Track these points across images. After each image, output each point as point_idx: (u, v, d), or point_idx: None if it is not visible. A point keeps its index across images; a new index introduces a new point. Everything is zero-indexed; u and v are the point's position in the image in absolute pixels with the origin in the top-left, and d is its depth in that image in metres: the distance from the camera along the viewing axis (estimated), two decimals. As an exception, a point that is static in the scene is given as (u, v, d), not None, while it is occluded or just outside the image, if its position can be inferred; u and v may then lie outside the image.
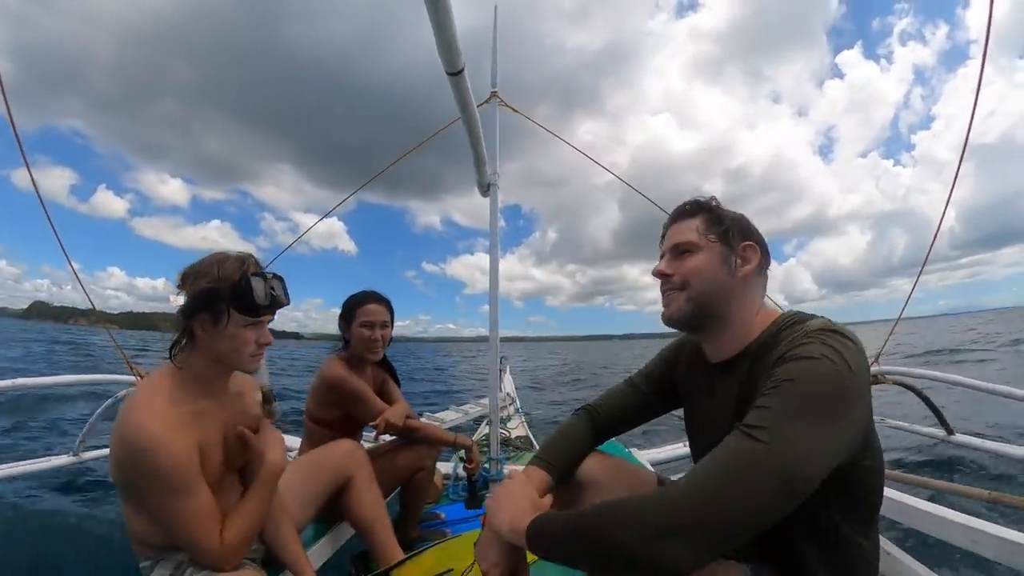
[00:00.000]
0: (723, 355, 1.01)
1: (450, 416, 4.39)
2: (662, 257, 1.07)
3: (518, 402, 5.59)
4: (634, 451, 2.98)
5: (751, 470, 0.69)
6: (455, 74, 1.82)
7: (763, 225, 1.06)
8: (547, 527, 0.84)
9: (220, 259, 1.15)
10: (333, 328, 2.09)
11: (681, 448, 3.04)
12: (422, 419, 4.16)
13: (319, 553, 1.77)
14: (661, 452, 3.03)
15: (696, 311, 0.99)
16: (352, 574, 1.80)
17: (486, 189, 2.66)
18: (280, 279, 1.19)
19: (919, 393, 4.01)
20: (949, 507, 1.52)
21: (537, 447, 3.82)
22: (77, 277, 2.17)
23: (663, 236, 1.09)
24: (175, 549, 1.11)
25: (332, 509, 1.71)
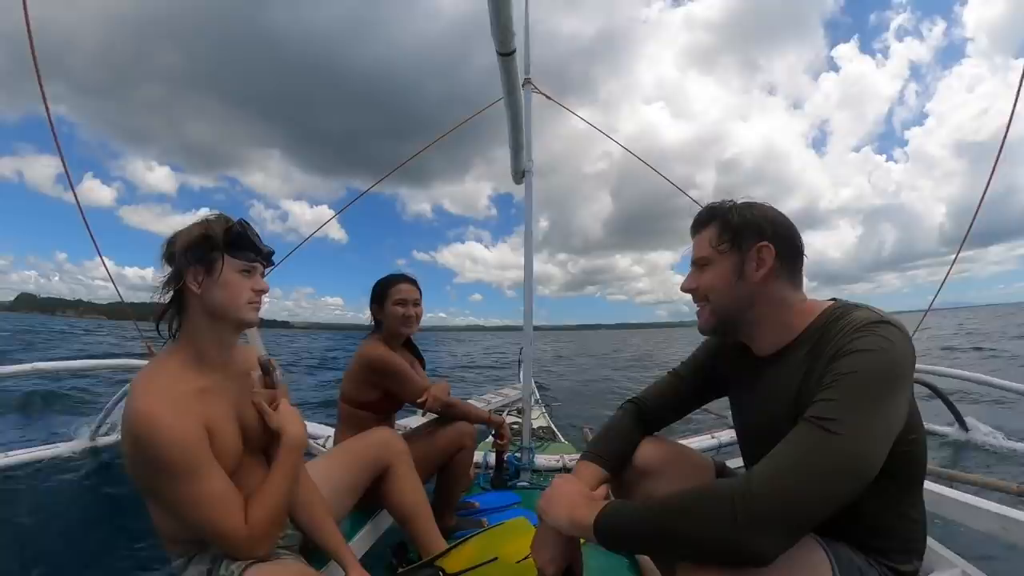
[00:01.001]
0: (765, 350, 1.04)
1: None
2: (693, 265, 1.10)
3: (537, 393, 5.52)
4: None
5: (829, 460, 0.74)
6: (506, 55, 1.77)
7: None
8: (618, 518, 0.87)
9: (206, 219, 1.13)
10: (324, 317, 2.20)
11: (710, 440, 3.04)
12: None
13: (360, 543, 1.73)
14: (692, 442, 3.00)
15: (721, 321, 1.04)
16: (393, 565, 1.78)
17: (521, 176, 2.60)
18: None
19: (935, 389, 4.04)
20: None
21: (560, 436, 3.81)
22: (107, 270, 2.13)
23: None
24: (205, 543, 1.07)
25: (370, 498, 1.68)
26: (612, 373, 14.36)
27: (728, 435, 3.05)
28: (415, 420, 2.08)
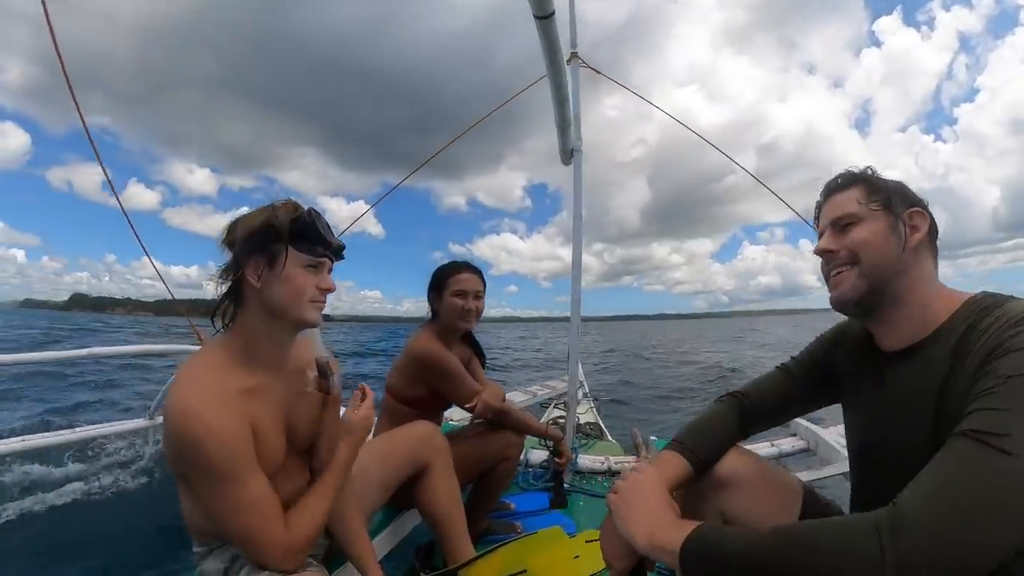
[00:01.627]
0: (900, 342, 0.89)
1: (517, 398, 4.16)
2: (820, 236, 0.96)
3: (586, 386, 5.26)
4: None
5: (1002, 486, 0.59)
6: (544, 18, 1.59)
7: (796, 203, 0.84)
8: (715, 548, 0.73)
9: (272, 205, 1.02)
10: (364, 310, 2.03)
11: (770, 448, 2.77)
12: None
13: (383, 542, 1.65)
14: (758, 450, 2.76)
15: (871, 288, 0.87)
16: (416, 568, 1.69)
17: (569, 155, 2.40)
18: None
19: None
20: None
21: (608, 434, 3.59)
22: (156, 269, 2.19)
23: (817, 216, 1.00)
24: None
25: (403, 495, 1.57)
26: (656, 366, 13.99)
27: (791, 443, 2.78)
28: (461, 411, 1.95)
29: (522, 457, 2.46)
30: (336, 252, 1.07)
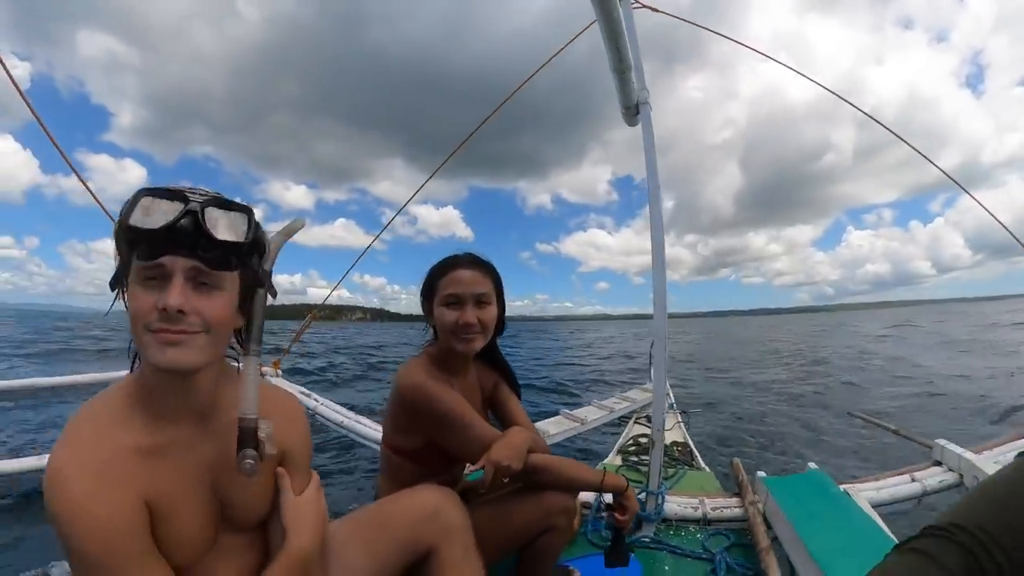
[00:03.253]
0: None
1: (592, 415, 3.58)
2: None
3: (672, 395, 4.42)
4: (848, 486, 2.06)
5: None
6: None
7: (903, 179, 0.24)
8: None
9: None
10: None
11: (909, 484, 2.09)
12: (557, 423, 3.42)
13: None
14: (883, 487, 2.10)
15: None
16: None
17: (635, 112, 1.87)
18: (231, 208, 0.71)
19: None
20: None
21: (699, 458, 2.94)
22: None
23: None
24: None
25: None
26: (756, 372, 12.22)
27: (938, 477, 2.13)
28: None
29: (592, 500, 1.92)
30: (186, 241, 0.67)
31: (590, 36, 1.68)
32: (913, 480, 2.14)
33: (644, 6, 2.11)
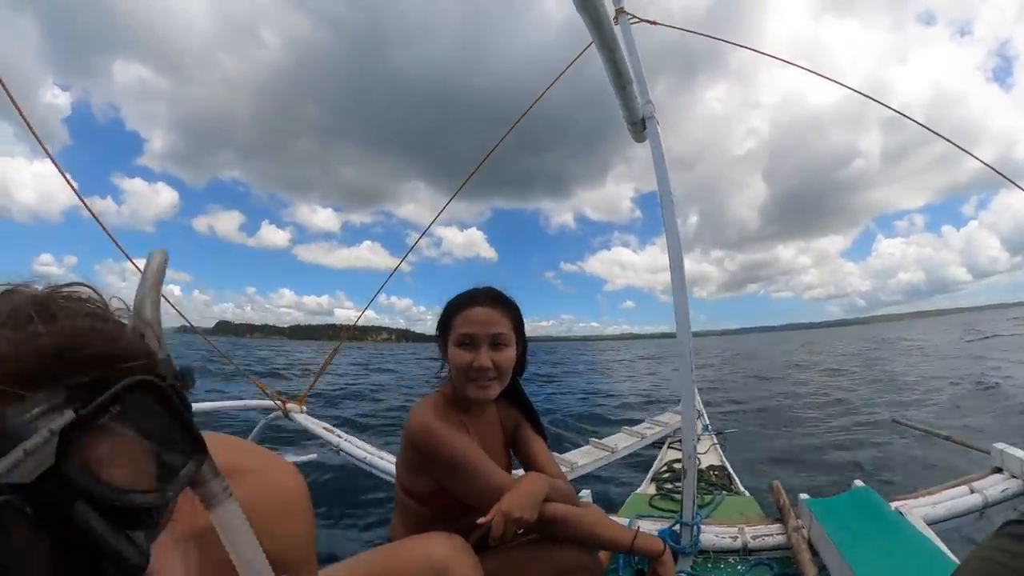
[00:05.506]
0: None
1: (622, 442, 3.43)
2: None
3: (706, 416, 4.24)
4: (900, 503, 1.91)
5: None
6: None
7: (934, 182, 0.16)
8: None
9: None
10: None
11: (968, 496, 1.93)
12: (586, 453, 3.29)
13: None
14: (938, 501, 1.94)
15: None
16: None
17: (641, 127, 1.83)
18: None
19: None
20: None
21: (737, 481, 2.79)
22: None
23: None
24: None
25: None
26: (788, 387, 11.72)
27: (1000, 486, 1.94)
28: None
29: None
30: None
31: (595, 52, 1.66)
32: (972, 491, 1.95)
33: (641, 20, 2.09)
